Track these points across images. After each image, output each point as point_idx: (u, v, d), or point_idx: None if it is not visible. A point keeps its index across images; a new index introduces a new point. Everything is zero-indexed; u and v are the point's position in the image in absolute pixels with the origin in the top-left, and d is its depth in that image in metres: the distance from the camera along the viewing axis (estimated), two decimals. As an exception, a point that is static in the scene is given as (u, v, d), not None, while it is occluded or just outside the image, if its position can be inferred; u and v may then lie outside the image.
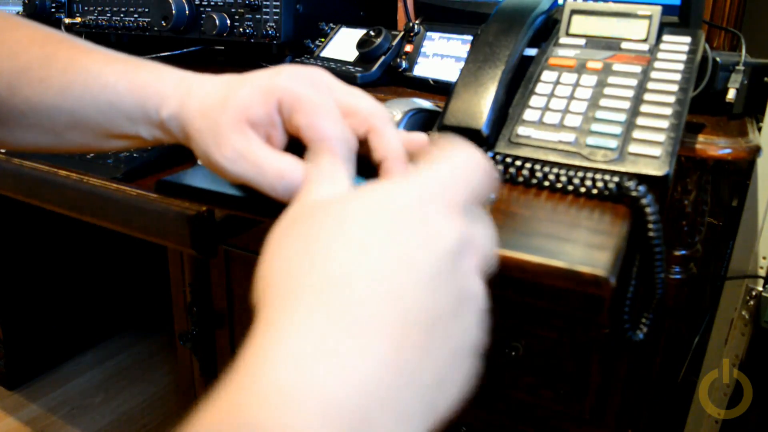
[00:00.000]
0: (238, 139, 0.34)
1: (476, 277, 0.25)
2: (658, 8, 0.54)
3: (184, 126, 0.36)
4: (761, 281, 0.91)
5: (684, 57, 0.51)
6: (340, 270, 0.22)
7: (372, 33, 0.86)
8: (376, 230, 0.23)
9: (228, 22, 0.94)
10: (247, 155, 0.34)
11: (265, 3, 0.91)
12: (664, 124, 0.46)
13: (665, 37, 0.53)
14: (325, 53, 0.92)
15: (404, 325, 0.21)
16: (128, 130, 0.38)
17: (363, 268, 0.22)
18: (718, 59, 0.65)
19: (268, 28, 0.91)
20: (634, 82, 0.50)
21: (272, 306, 0.22)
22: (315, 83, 0.35)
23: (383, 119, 0.35)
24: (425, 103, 0.59)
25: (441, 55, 0.82)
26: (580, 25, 0.56)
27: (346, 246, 0.22)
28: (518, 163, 0.46)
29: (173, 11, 0.95)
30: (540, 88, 0.52)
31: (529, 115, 0.51)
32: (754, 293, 0.91)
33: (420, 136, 0.39)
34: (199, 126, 0.35)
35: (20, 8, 1.22)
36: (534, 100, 0.51)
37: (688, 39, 0.53)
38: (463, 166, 0.27)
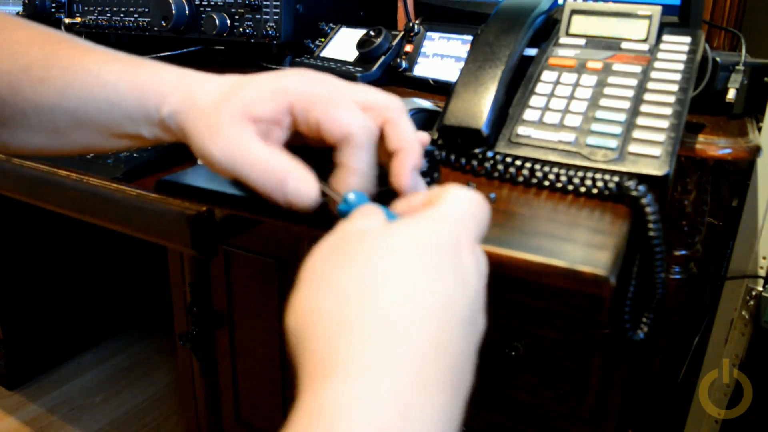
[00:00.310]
0: (232, 130, 0.34)
1: (480, 307, 0.26)
2: (658, 8, 0.54)
3: (184, 125, 0.36)
4: (761, 281, 0.91)
5: (684, 57, 0.51)
6: (395, 313, 0.22)
7: (372, 33, 0.86)
8: (422, 269, 0.23)
9: (228, 22, 0.94)
10: (238, 147, 0.33)
11: (265, 3, 0.91)
12: (664, 123, 0.46)
13: (665, 37, 0.53)
14: (325, 53, 0.92)
15: (451, 372, 0.22)
16: (129, 129, 0.38)
17: (417, 314, 0.22)
18: (718, 59, 0.65)
19: (268, 28, 0.91)
20: (634, 82, 0.50)
21: (322, 345, 0.22)
22: (325, 82, 0.35)
23: (398, 111, 0.35)
24: (425, 103, 0.59)
25: (441, 55, 0.82)
26: (580, 25, 0.56)
27: (397, 284, 0.23)
28: (518, 162, 0.46)
29: (173, 11, 0.95)
30: (540, 88, 0.52)
31: (529, 114, 0.51)
32: (754, 293, 0.91)
33: (423, 135, 0.40)
34: (194, 119, 0.35)
35: (20, 8, 1.22)
36: (534, 100, 0.51)
37: (688, 39, 0.53)
38: (473, 203, 0.29)
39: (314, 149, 0.36)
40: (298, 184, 0.33)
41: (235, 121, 0.34)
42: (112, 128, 0.39)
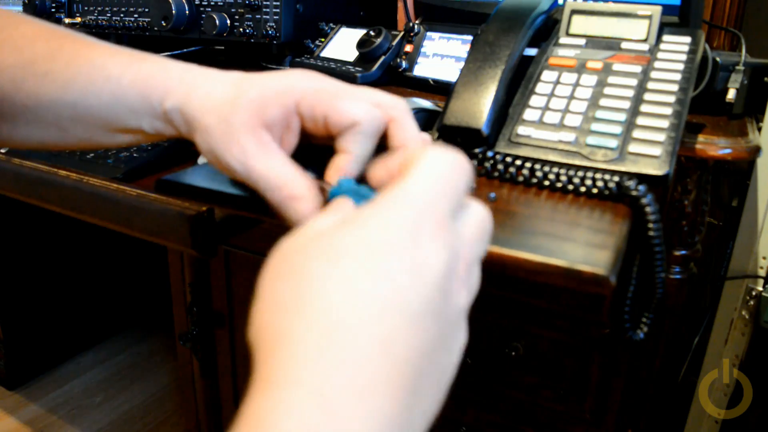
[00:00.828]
0: (250, 141, 0.34)
1: (462, 297, 0.24)
2: (658, 8, 0.54)
3: (190, 120, 0.36)
4: (761, 281, 0.91)
5: (684, 57, 0.51)
6: (332, 317, 0.21)
7: (372, 33, 0.86)
8: (364, 269, 0.22)
9: (228, 22, 0.94)
10: (255, 159, 0.34)
11: (265, 3, 0.91)
12: (664, 123, 0.46)
13: (665, 37, 0.53)
14: (325, 53, 0.92)
15: (399, 374, 0.20)
16: (131, 122, 0.38)
17: (356, 314, 0.21)
18: (718, 59, 0.65)
19: (268, 28, 0.91)
20: (634, 81, 0.50)
21: (266, 358, 0.21)
22: (330, 81, 0.36)
23: (403, 111, 0.35)
24: (425, 103, 0.59)
25: (441, 55, 0.82)
26: (580, 25, 0.56)
27: (336, 286, 0.22)
28: (518, 162, 0.46)
29: (173, 11, 0.95)
30: (540, 87, 0.52)
31: (529, 114, 0.51)
32: (754, 293, 0.91)
33: (424, 135, 0.40)
34: (207, 122, 0.35)
35: (20, 8, 1.22)
36: (534, 100, 0.51)
37: (688, 39, 0.53)
38: (446, 169, 0.26)
39: (314, 147, 0.36)
40: (300, 205, 0.33)
41: (249, 129, 0.34)
42: (114, 122, 0.39)
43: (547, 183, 0.45)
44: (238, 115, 0.34)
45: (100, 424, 1.45)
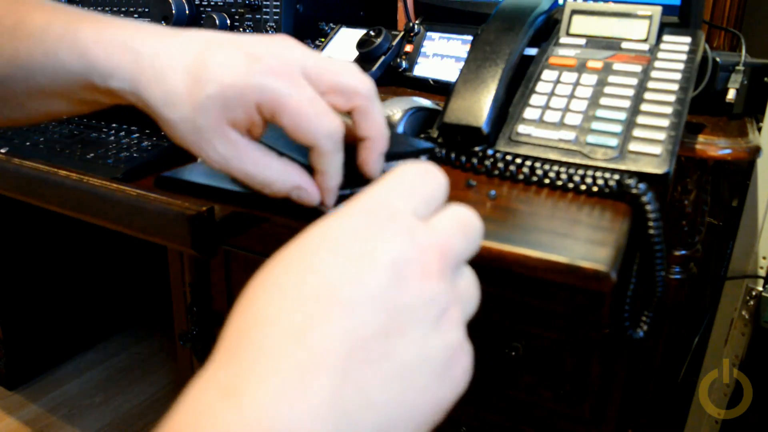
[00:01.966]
0: (221, 144, 0.34)
1: (426, 286, 0.22)
2: (658, 8, 0.54)
3: (148, 108, 0.35)
4: (761, 281, 0.91)
5: (684, 57, 0.51)
6: (254, 308, 0.21)
7: (372, 33, 0.86)
8: (303, 267, 0.22)
9: (228, 22, 0.94)
10: (231, 162, 0.34)
11: (265, 3, 0.91)
12: (665, 122, 0.46)
13: (665, 37, 0.54)
14: (325, 53, 0.92)
15: (316, 360, 0.19)
16: (86, 96, 0.37)
17: (273, 305, 0.21)
18: (718, 59, 0.65)
19: (268, 28, 0.91)
20: (634, 81, 0.50)
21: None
22: (291, 75, 0.33)
23: (367, 98, 0.35)
24: (425, 102, 0.59)
25: (441, 55, 0.82)
26: (581, 25, 0.56)
27: (269, 287, 0.22)
28: (518, 161, 0.46)
29: (173, 11, 0.95)
30: (540, 87, 0.52)
31: (529, 113, 0.51)
32: (754, 293, 0.91)
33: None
34: (169, 117, 0.34)
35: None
36: (534, 99, 0.51)
37: (688, 39, 0.53)
38: (409, 176, 0.25)
39: None
40: (301, 193, 0.34)
41: (217, 131, 0.34)
42: (69, 94, 0.37)
43: (547, 181, 0.45)
44: (201, 117, 0.33)
45: (100, 424, 1.44)
